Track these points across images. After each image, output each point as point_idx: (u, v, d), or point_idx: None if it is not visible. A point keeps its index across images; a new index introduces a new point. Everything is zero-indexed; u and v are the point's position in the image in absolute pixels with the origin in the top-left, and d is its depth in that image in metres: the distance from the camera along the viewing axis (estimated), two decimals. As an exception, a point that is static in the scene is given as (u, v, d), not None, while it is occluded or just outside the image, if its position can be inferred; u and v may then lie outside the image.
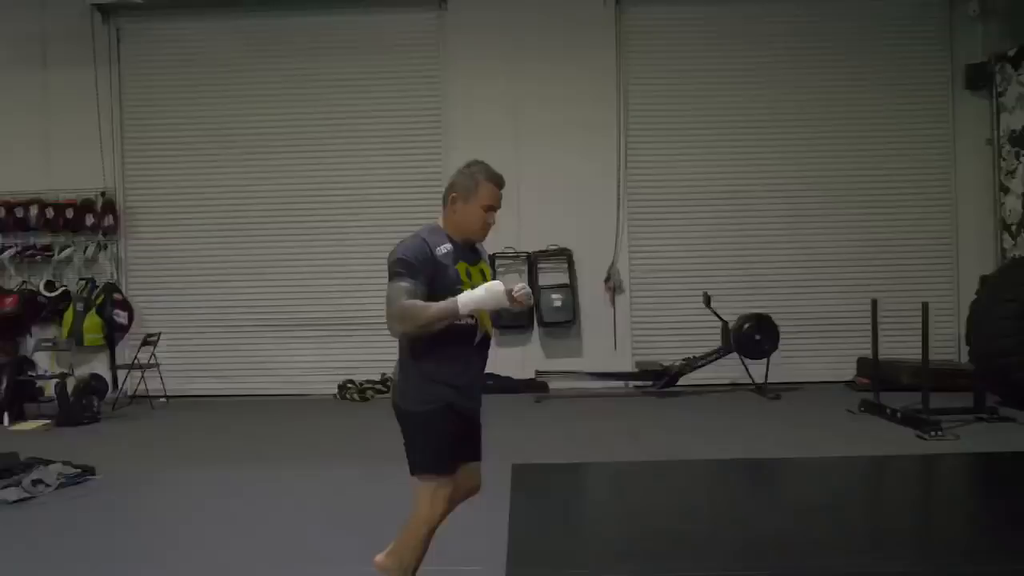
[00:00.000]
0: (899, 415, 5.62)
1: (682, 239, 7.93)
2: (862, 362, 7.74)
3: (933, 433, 5.14)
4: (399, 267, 2.33)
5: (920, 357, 5.97)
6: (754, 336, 6.97)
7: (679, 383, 7.18)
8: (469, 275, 2.43)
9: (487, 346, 2.51)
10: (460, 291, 2.33)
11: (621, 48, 7.94)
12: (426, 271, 2.34)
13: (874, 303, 6.26)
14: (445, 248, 2.41)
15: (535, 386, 7.45)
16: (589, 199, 7.87)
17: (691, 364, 7.15)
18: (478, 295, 2.30)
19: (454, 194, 2.45)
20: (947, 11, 8.01)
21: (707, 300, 7.21)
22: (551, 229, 7.81)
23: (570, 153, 7.85)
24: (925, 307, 5.57)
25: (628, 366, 7.77)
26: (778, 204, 7.94)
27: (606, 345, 7.89)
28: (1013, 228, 7.77)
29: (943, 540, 3.45)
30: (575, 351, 7.96)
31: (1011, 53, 7.69)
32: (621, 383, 7.63)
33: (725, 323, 7.15)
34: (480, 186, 2.44)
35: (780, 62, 7.98)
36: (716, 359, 7.17)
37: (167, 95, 8.09)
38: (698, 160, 7.94)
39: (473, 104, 7.88)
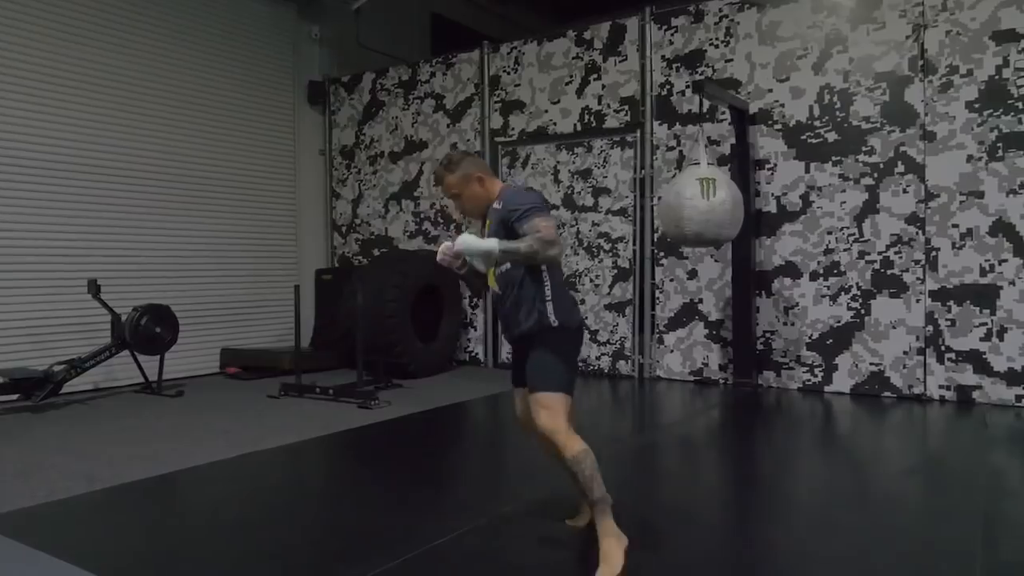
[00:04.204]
0: (331, 391, 5.99)
1: (38, 216, 6.41)
2: (226, 352, 7.81)
3: (374, 402, 5.70)
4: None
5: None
6: (154, 329, 6.23)
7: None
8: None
9: (496, 297, 2.84)
10: None
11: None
12: None
13: (296, 288, 6.48)
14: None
15: None
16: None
17: (78, 367, 5.88)
18: None
19: None
20: (292, 29, 8.75)
21: (95, 289, 6.08)
22: None
23: None
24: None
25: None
26: (148, 189, 7.21)
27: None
28: (343, 229, 9.04)
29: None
30: None
31: (345, 79, 8.97)
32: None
33: (117, 316, 6.16)
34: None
35: (156, 39, 7.29)
36: (108, 358, 6.10)
37: None
38: (63, 125, 6.56)
39: None
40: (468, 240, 2.51)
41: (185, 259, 7.52)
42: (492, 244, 2.50)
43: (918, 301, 5.70)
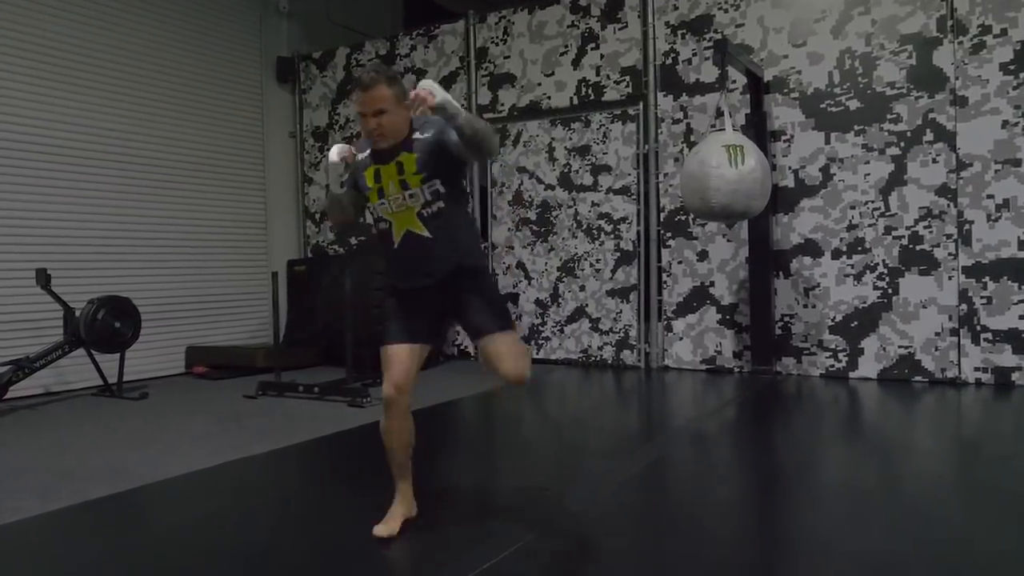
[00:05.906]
0: (316, 389, 5.40)
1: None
2: (192, 351, 7.16)
3: (366, 400, 5.13)
4: None
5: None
6: (114, 323, 5.56)
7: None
8: (378, 176, 2.49)
9: (415, 244, 2.49)
10: (369, 192, 2.53)
11: None
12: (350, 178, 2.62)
13: (274, 275, 5.87)
14: (363, 156, 2.55)
15: None
16: None
17: (26, 368, 5.19)
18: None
19: None
20: (258, 1, 8.08)
21: (45, 280, 5.39)
22: None
23: None
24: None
25: None
26: (103, 171, 6.50)
27: None
28: (317, 216, 8.42)
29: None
30: None
31: (317, 55, 8.34)
32: None
33: (70, 310, 5.47)
34: (355, 97, 2.45)
35: (108, 9, 6.63)
36: (60, 357, 5.41)
37: None
38: (8, 101, 5.86)
39: None
40: (437, 87, 2.27)
41: (144, 248, 6.83)
42: (458, 107, 2.31)
43: (950, 278, 5.33)
